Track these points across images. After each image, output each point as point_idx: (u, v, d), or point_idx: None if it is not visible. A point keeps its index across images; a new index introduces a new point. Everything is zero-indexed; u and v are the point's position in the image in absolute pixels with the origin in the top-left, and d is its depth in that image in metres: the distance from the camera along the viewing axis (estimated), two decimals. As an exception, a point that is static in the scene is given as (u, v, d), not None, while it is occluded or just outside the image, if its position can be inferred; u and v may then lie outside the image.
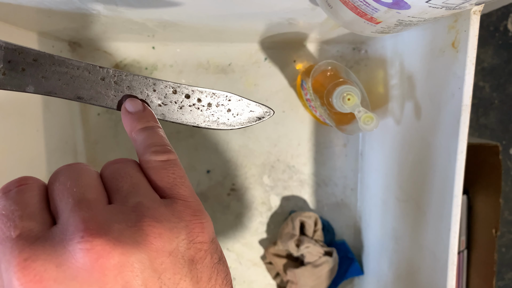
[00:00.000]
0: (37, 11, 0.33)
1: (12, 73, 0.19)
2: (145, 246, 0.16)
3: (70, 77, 0.20)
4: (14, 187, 0.17)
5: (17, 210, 0.16)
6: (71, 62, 0.20)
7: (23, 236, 0.15)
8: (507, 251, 0.72)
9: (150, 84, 0.21)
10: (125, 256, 0.15)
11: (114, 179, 0.19)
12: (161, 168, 0.19)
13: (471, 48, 0.29)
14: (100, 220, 0.16)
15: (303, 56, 0.51)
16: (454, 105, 0.31)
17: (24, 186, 0.17)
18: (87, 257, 0.15)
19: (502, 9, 0.66)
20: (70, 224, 0.16)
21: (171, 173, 0.19)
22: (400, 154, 0.43)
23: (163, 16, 0.36)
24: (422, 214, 0.37)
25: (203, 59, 0.51)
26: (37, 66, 0.20)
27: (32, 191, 0.17)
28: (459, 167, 0.31)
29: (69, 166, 0.18)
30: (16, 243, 0.15)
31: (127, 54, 0.50)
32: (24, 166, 0.41)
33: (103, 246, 0.15)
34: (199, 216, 0.18)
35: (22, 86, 0.20)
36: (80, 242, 0.15)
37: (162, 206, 0.18)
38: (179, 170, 0.20)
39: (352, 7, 0.27)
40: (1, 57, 0.19)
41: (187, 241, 0.17)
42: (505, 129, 0.69)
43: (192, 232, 0.18)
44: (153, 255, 0.16)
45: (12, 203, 0.16)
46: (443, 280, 0.33)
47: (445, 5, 0.23)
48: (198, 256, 0.18)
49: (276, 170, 0.55)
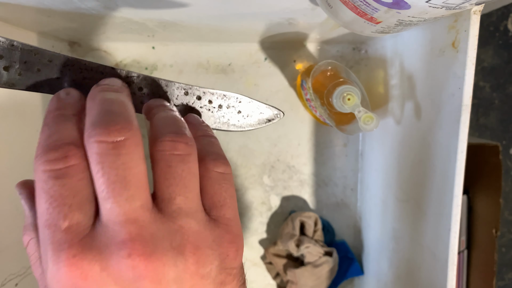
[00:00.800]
0: (37, 11, 0.33)
1: (28, 73, 0.19)
2: (183, 269, 0.17)
3: (83, 78, 0.20)
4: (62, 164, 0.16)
5: (68, 196, 0.16)
6: (84, 63, 0.20)
7: (72, 230, 0.16)
8: (507, 251, 0.72)
9: (162, 85, 0.21)
10: (164, 275, 0.16)
11: (166, 180, 0.18)
12: (217, 181, 0.19)
13: (471, 48, 0.29)
14: (147, 238, 0.16)
15: (303, 56, 0.51)
16: (454, 105, 0.31)
17: (72, 167, 0.16)
18: (130, 272, 0.16)
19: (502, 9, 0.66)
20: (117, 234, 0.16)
21: (224, 191, 0.19)
22: (400, 154, 0.43)
23: (163, 16, 0.36)
24: (422, 214, 0.37)
25: (203, 59, 0.51)
26: (52, 67, 0.20)
27: (80, 173, 0.16)
28: (459, 167, 0.31)
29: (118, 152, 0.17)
30: (65, 236, 0.16)
31: (127, 54, 0.50)
32: (24, 166, 0.41)
33: (146, 266, 0.16)
34: (236, 242, 0.19)
35: (37, 87, 0.20)
36: (126, 258, 0.16)
37: (207, 231, 0.18)
38: (231, 188, 0.20)
39: (352, 7, 0.27)
40: (18, 58, 0.19)
41: (220, 267, 0.18)
42: (505, 129, 0.69)
43: (226, 258, 0.18)
44: (188, 278, 0.17)
45: (63, 187, 0.16)
46: (443, 280, 0.33)
47: (445, 5, 0.23)
48: (227, 280, 0.18)
49: (276, 170, 0.55)
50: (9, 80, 0.19)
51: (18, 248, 0.39)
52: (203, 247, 0.17)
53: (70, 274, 0.15)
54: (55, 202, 0.16)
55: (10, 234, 0.37)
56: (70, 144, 0.16)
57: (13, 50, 0.19)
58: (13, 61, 0.19)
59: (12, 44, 0.19)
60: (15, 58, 0.19)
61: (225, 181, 0.20)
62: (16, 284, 0.38)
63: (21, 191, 0.20)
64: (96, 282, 0.15)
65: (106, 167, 0.16)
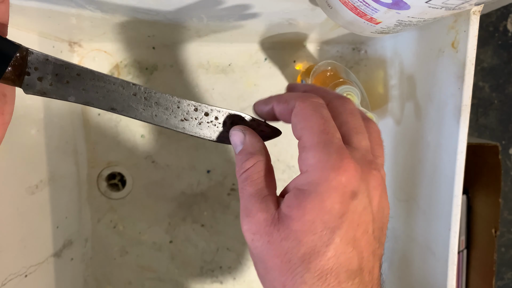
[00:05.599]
0: (38, 11, 0.33)
1: (58, 84, 0.23)
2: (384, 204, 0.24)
3: (106, 91, 0.23)
4: (321, 101, 0.23)
5: (330, 120, 0.22)
6: (108, 78, 0.23)
7: (339, 141, 0.21)
8: (507, 251, 0.72)
9: (175, 101, 0.25)
10: (374, 196, 0.22)
11: (373, 139, 0.24)
12: None
13: (471, 48, 0.29)
14: (379, 168, 0.23)
15: (303, 56, 0.52)
16: (454, 105, 0.31)
17: (324, 105, 0.23)
18: (375, 182, 0.22)
19: (502, 9, 0.66)
20: (365, 157, 0.22)
21: None
22: (400, 154, 0.43)
23: (163, 16, 0.36)
24: (422, 214, 0.38)
25: (203, 59, 0.51)
26: (79, 80, 0.23)
27: (327, 111, 0.23)
28: (459, 167, 0.31)
29: (359, 112, 0.24)
30: (339, 143, 0.21)
31: (127, 55, 0.50)
32: (25, 166, 0.41)
33: (382, 182, 0.22)
34: None
35: (65, 96, 0.23)
36: (374, 170, 0.22)
37: None
38: None
39: (352, 7, 0.27)
40: (50, 71, 0.22)
41: None
42: (504, 129, 0.69)
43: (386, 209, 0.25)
44: None
45: (326, 113, 0.22)
46: (443, 280, 0.33)
47: (444, 6, 0.23)
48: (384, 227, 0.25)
49: (276, 170, 0.54)
50: (41, 89, 0.22)
51: (18, 248, 0.39)
52: (383, 182, 0.23)
53: (352, 165, 0.20)
54: (329, 120, 0.22)
55: (10, 234, 0.38)
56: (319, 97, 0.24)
57: (47, 63, 0.22)
58: (46, 73, 0.22)
59: (46, 58, 0.22)
60: (48, 70, 0.22)
61: None
62: (16, 284, 0.38)
63: (245, 129, 0.25)
64: (360, 177, 0.21)
65: (357, 116, 0.24)
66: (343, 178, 0.20)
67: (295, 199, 0.21)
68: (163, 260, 0.54)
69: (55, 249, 0.45)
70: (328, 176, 0.20)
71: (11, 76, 0.22)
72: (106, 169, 0.52)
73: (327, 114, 0.22)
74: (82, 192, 0.51)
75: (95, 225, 0.52)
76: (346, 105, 0.24)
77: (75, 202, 0.50)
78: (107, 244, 0.53)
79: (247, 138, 0.24)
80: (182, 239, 0.54)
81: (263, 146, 0.24)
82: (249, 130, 0.25)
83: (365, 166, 0.21)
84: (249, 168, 0.23)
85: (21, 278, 0.39)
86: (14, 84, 0.22)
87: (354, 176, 0.20)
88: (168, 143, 0.52)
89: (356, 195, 0.20)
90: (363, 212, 0.21)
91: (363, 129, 0.23)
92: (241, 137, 0.24)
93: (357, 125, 0.23)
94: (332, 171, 0.20)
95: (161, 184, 0.52)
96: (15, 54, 0.22)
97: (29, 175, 0.41)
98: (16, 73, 0.22)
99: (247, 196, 0.22)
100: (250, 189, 0.23)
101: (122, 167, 0.52)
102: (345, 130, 0.23)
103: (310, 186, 0.20)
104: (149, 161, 0.52)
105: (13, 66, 0.22)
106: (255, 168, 0.23)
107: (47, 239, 0.44)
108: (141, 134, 0.51)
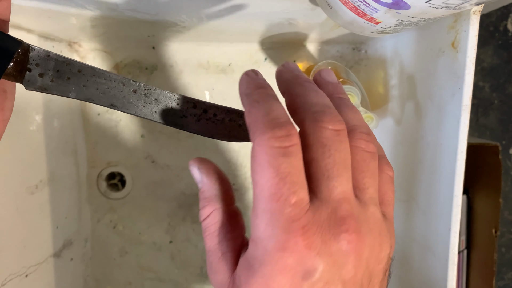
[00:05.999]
0: (37, 11, 0.33)
1: (59, 80, 0.23)
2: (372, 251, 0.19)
3: (107, 87, 0.23)
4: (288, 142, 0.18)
5: (294, 174, 0.17)
6: (109, 75, 0.23)
7: (298, 204, 0.17)
8: (507, 251, 0.72)
9: (174, 98, 0.24)
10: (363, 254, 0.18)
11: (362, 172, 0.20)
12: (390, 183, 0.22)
13: (471, 48, 0.29)
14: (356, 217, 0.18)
15: (303, 56, 0.51)
16: (454, 105, 0.31)
17: (295, 146, 0.18)
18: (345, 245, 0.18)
19: (502, 9, 0.66)
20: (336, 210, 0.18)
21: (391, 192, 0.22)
22: (400, 154, 0.43)
23: (163, 16, 0.36)
24: (422, 214, 0.37)
25: (203, 59, 0.51)
26: (80, 76, 0.23)
27: (299, 152, 0.18)
28: (459, 167, 0.31)
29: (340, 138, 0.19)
30: (294, 210, 0.17)
31: (127, 54, 0.50)
32: (25, 166, 0.41)
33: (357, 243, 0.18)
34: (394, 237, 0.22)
35: (65, 92, 0.23)
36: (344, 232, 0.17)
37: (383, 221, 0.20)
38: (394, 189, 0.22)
39: (352, 7, 0.27)
40: (52, 67, 0.22)
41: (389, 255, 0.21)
42: (505, 129, 0.69)
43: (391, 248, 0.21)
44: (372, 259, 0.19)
45: (290, 164, 0.17)
46: (444, 280, 0.33)
47: (445, 5, 0.23)
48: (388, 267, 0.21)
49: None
50: (42, 85, 0.22)
51: (18, 248, 0.39)
52: (382, 233, 0.20)
53: (302, 242, 0.17)
54: (284, 178, 0.17)
55: (10, 234, 0.37)
56: (290, 123, 0.18)
57: (48, 60, 0.22)
58: (48, 69, 0.22)
59: (48, 54, 0.22)
60: (49, 66, 0.22)
61: (393, 183, 0.22)
62: (16, 284, 0.38)
63: (200, 166, 0.22)
64: (317, 252, 0.17)
65: (332, 150, 0.18)
66: (290, 260, 0.17)
67: (244, 272, 0.19)
68: (163, 260, 0.54)
69: (55, 249, 0.45)
70: (273, 257, 0.17)
71: (12, 72, 0.22)
72: (106, 169, 0.51)
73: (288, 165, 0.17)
74: (82, 192, 0.51)
75: (95, 225, 0.52)
76: (319, 132, 0.18)
77: (75, 202, 0.50)
78: (107, 244, 0.53)
79: (204, 179, 0.22)
80: (182, 239, 0.54)
81: (221, 188, 0.22)
82: (206, 168, 0.22)
83: (332, 230, 0.18)
84: (205, 218, 0.21)
85: (21, 278, 0.39)
86: (16, 80, 0.22)
87: (306, 254, 0.17)
88: (168, 143, 0.52)
89: (311, 274, 0.17)
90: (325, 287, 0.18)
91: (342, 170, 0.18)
92: (197, 175, 0.22)
93: (330, 165, 0.18)
94: (276, 252, 0.17)
95: (161, 184, 0.52)
96: (17, 50, 0.22)
97: (29, 175, 0.41)
98: (18, 69, 0.22)
99: (207, 250, 0.21)
100: (208, 243, 0.21)
101: (122, 167, 0.52)
102: (314, 172, 0.18)
103: (256, 263, 0.18)
104: (149, 161, 0.52)
105: (14, 62, 0.22)
106: (212, 219, 0.21)
107: (47, 239, 0.44)
108: (141, 134, 0.51)
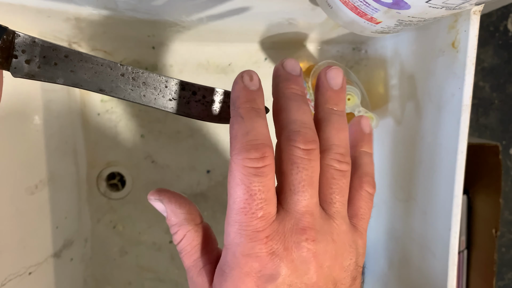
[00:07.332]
0: (37, 11, 0.33)
1: (46, 66, 0.22)
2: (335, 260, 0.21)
3: (94, 72, 0.23)
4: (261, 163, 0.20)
5: (263, 192, 0.20)
6: (96, 59, 0.23)
7: (264, 217, 0.20)
8: (507, 251, 0.72)
9: (162, 81, 0.24)
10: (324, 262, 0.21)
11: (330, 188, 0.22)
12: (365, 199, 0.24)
13: (471, 48, 0.29)
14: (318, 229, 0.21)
15: (303, 56, 0.51)
16: (454, 105, 0.31)
17: (268, 166, 0.20)
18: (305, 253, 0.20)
19: (502, 9, 0.66)
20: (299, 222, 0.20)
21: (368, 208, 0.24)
22: (400, 154, 0.43)
23: (163, 16, 0.36)
24: (422, 214, 0.37)
25: (203, 59, 0.51)
26: (68, 62, 0.23)
27: (271, 172, 0.20)
28: (459, 167, 0.31)
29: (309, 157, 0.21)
30: (260, 222, 0.20)
31: (127, 54, 0.50)
32: (24, 166, 0.41)
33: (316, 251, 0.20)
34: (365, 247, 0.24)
35: (53, 78, 0.23)
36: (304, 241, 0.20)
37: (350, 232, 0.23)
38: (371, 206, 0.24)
39: (352, 7, 0.27)
40: (38, 53, 0.22)
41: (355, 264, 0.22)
42: (505, 129, 0.69)
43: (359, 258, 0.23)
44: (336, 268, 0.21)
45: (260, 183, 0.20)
46: (444, 280, 0.33)
47: (445, 5, 0.23)
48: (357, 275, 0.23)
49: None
50: (29, 71, 0.22)
51: (18, 248, 0.39)
52: (347, 244, 0.22)
53: (265, 250, 0.19)
54: (254, 196, 0.20)
55: (10, 234, 0.37)
56: (266, 145, 0.20)
57: (34, 46, 0.22)
58: (34, 55, 0.22)
59: (33, 40, 0.22)
60: (35, 53, 0.22)
61: (371, 200, 0.24)
62: (16, 284, 0.38)
63: (161, 197, 0.24)
64: (279, 258, 0.19)
65: (300, 167, 0.20)
66: (255, 265, 0.19)
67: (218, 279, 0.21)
68: (163, 260, 0.54)
69: (54, 249, 0.45)
70: (240, 262, 0.20)
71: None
72: (106, 169, 0.51)
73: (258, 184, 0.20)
74: (82, 192, 0.51)
75: (94, 225, 0.52)
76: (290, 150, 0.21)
77: (75, 202, 0.50)
78: (106, 244, 0.53)
79: (167, 208, 0.23)
80: (182, 239, 0.54)
81: (186, 211, 0.23)
82: (166, 197, 0.24)
83: (294, 238, 0.20)
84: (180, 241, 0.23)
85: (21, 278, 0.39)
86: (2, 67, 0.22)
87: (269, 260, 0.19)
88: (168, 143, 0.52)
89: (274, 277, 0.20)
90: None
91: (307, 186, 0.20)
92: (159, 206, 0.24)
93: (297, 181, 0.20)
94: (243, 258, 0.20)
95: (161, 184, 0.52)
96: (2, 36, 0.21)
97: (29, 175, 0.41)
98: (4, 56, 0.22)
99: (186, 268, 0.23)
100: (187, 262, 0.22)
101: (122, 167, 0.52)
102: (283, 186, 0.21)
103: (226, 268, 0.20)
104: (149, 161, 0.52)
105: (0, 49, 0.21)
106: (186, 241, 0.23)
107: (46, 239, 0.44)
108: (141, 134, 0.51)
